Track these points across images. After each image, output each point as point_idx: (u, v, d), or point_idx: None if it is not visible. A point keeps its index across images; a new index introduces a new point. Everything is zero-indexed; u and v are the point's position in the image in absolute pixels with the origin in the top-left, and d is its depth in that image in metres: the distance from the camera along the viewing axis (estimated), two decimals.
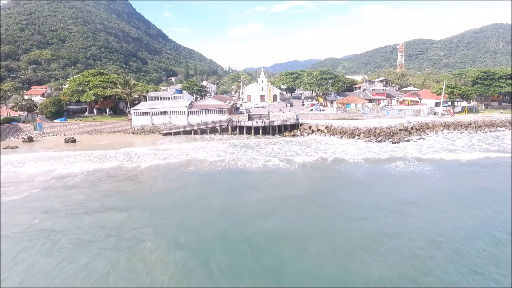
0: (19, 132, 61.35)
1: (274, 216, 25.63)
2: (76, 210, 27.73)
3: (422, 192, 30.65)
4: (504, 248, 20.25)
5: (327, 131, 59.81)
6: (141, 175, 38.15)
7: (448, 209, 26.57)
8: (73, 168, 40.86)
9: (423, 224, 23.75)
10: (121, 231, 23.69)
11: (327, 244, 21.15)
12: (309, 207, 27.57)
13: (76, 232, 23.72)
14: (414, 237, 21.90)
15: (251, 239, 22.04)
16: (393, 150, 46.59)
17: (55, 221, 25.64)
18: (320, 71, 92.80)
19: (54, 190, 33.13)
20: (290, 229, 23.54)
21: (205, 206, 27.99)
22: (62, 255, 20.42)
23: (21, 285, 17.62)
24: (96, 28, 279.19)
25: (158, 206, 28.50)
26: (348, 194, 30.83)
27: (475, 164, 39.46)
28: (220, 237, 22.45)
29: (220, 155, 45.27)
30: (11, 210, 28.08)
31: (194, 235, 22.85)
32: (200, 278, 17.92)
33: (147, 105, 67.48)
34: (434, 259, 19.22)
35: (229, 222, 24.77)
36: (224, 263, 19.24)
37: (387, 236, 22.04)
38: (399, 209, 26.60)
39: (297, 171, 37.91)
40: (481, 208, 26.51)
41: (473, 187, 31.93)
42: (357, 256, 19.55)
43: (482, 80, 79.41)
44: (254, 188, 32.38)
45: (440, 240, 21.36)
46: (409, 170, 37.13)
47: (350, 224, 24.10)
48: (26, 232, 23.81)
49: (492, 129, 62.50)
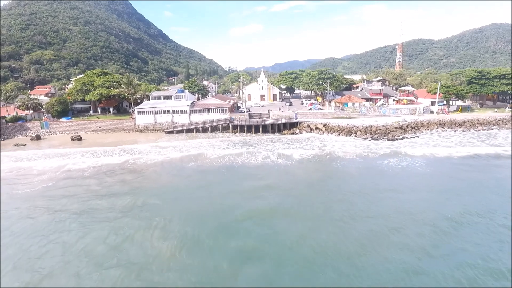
0: (26, 131, 63.28)
1: (269, 197, 29.52)
2: (92, 197, 30.48)
3: (408, 182, 33.12)
4: (471, 226, 22.90)
5: (325, 129, 61.74)
6: (146, 169, 40.12)
7: (429, 196, 29.11)
8: (82, 163, 42.80)
9: (400, 206, 26.79)
10: (133, 212, 26.67)
11: (312, 216, 25.65)
12: (300, 191, 31.06)
13: (95, 212, 26.85)
14: (386, 214, 25.33)
15: (246, 213, 25.99)
16: (388, 147, 48.53)
17: (75, 205, 28.46)
18: (318, 71, 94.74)
19: (68, 181, 35.29)
20: (281, 206, 27.63)
21: (207, 193, 30.81)
22: (90, 231, 23.49)
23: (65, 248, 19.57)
24: (97, 28, 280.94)
25: (165, 193, 31.13)
26: (336, 182, 33.92)
27: (465, 160, 41.44)
28: (220, 211, 26.42)
29: (221, 152, 47.19)
30: (34, 198, 30.52)
31: (195, 212, 26.42)
32: (199, 240, 22.00)
33: (150, 104, 69.45)
34: (404, 228, 22.77)
35: (228, 202, 28.36)
36: (222, 229, 23.47)
37: (359, 212, 25.98)
38: (382, 195, 29.49)
39: (294, 166, 39.86)
40: (463, 196, 28.62)
41: (459, 178, 34.06)
42: (334, 225, 23.95)
43: (477, 80, 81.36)
44: (252, 179, 34.84)
45: (414, 218, 24.56)
46: (401, 165, 39.09)
47: (332, 203, 28.04)
48: (50, 214, 26.25)
49: (485, 127, 64.37)
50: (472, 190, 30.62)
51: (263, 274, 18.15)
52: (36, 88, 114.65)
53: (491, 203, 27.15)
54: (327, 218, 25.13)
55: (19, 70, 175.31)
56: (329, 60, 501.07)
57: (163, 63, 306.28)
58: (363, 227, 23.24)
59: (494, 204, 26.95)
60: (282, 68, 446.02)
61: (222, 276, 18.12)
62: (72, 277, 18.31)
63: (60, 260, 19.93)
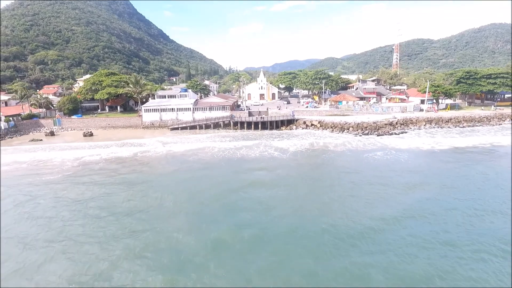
0: (40, 127, 67.52)
1: (264, 177, 35.27)
2: (108, 183, 34.92)
3: (387, 170, 37.38)
4: (440, 205, 26.97)
5: (319, 125, 66.03)
6: (153, 161, 44.52)
7: (402, 181, 33.41)
8: (96, 156, 47.09)
9: (375, 188, 31.59)
10: (144, 195, 31.07)
11: (304, 190, 32.11)
12: (292, 174, 36.79)
13: (112, 194, 31.25)
14: (358, 188, 31.27)
15: (244, 187, 31.80)
16: (376, 142, 52.83)
17: (95, 188, 32.62)
18: (315, 71, 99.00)
19: (85, 171, 39.57)
20: (275, 182, 33.67)
21: (208, 180, 35.19)
22: (110, 206, 27.50)
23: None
24: (99, 28, 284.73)
25: (171, 180, 35.76)
26: (324, 170, 38.92)
27: (444, 152, 45.81)
28: (223, 188, 31.87)
29: (222, 146, 51.47)
30: (57, 184, 34.83)
31: (198, 195, 30.89)
32: (203, 211, 26.91)
33: (156, 103, 73.72)
34: (375, 202, 26.67)
35: (228, 182, 33.83)
36: (221, 205, 28.28)
37: (339, 189, 31.64)
38: (360, 179, 34.44)
39: (288, 158, 44.13)
40: (436, 183, 32.90)
41: (436, 167, 38.42)
42: (316, 199, 28.88)
43: (465, 79, 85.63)
44: (250, 169, 39.38)
45: (384, 195, 29.49)
46: (385, 158, 43.31)
47: (317, 184, 33.84)
48: (73, 195, 30.53)
49: (470, 124, 68.67)
50: (441, 173, 35.69)
51: (254, 235, 22.62)
52: (44, 87, 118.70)
53: (447, 180, 32.61)
54: (312, 195, 30.42)
55: (24, 70, 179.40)
56: (329, 60, 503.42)
57: (164, 63, 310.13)
58: (339, 199, 28.84)
59: (447, 180, 33.21)
60: (282, 68, 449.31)
61: (221, 235, 22.60)
62: (101, 231, 23.21)
63: (90, 222, 24.39)
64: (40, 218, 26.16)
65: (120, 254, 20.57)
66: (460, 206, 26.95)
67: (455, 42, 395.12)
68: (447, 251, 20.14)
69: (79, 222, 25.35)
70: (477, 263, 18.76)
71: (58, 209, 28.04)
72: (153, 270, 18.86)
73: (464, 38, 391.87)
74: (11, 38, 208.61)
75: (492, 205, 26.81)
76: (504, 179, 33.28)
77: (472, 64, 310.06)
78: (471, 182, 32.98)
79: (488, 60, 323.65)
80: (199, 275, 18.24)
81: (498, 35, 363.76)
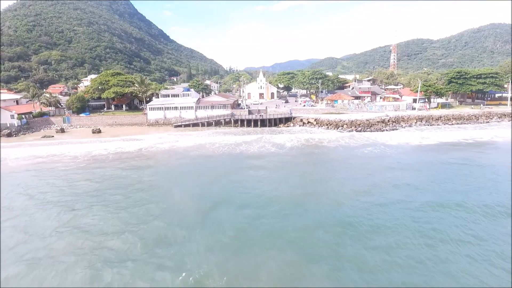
0: (50, 125, 71.08)
1: (261, 166, 39.05)
2: (118, 174, 38.73)
3: (373, 161, 40.96)
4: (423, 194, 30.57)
5: (316, 123, 69.64)
6: (159, 155, 48.36)
7: (385, 171, 37.15)
8: (104, 150, 50.66)
9: (361, 175, 35.79)
10: (153, 184, 34.88)
11: (296, 179, 35.47)
12: (286, 166, 40.51)
13: (122, 182, 34.89)
14: (342, 181, 34.47)
15: (243, 172, 35.70)
16: (368, 138, 56.45)
17: (106, 181, 36.13)
18: (312, 71, 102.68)
19: (97, 163, 43.24)
20: (270, 169, 36.00)
21: (210, 170, 39.01)
22: (124, 190, 31.26)
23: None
24: (100, 29, 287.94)
25: (176, 169, 40.16)
26: (316, 162, 42.90)
27: (429, 146, 49.45)
28: (222, 180, 35.16)
29: (223, 142, 55.06)
30: (73, 173, 38.58)
31: (201, 178, 35.35)
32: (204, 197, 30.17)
33: (160, 101, 77.31)
34: (358, 187, 29.91)
35: (227, 173, 37.35)
36: (223, 191, 31.74)
37: (326, 177, 36.18)
38: (348, 168, 38.70)
39: (285, 152, 47.71)
40: (416, 172, 36.62)
41: (420, 160, 42.08)
42: (306, 185, 31.90)
43: (456, 79, 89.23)
44: (248, 161, 43.23)
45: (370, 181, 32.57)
46: (374, 152, 46.86)
47: (308, 173, 37.73)
48: (87, 182, 34.35)
49: (459, 121, 72.32)
50: (420, 165, 39.51)
51: (251, 214, 26.26)
52: (50, 87, 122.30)
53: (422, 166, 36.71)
54: (301, 179, 35.05)
55: (29, 70, 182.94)
56: (328, 59, 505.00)
57: (164, 63, 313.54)
58: (325, 181, 33.52)
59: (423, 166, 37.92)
60: (282, 68, 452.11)
61: (222, 214, 26.22)
62: (113, 209, 26.69)
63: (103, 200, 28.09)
64: (60, 201, 29.83)
65: (137, 217, 24.69)
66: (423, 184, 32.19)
67: (454, 42, 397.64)
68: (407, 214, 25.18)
69: (102, 198, 29.09)
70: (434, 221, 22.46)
71: (77, 191, 31.74)
72: (169, 225, 24.37)
73: (463, 38, 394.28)
74: (14, 39, 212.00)
75: (457, 184, 32.04)
76: (470, 166, 38.55)
77: (471, 64, 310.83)
78: (448, 169, 37.14)
79: (487, 60, 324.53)
80: (197, 226, 23.07)
81: (497, 35, 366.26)
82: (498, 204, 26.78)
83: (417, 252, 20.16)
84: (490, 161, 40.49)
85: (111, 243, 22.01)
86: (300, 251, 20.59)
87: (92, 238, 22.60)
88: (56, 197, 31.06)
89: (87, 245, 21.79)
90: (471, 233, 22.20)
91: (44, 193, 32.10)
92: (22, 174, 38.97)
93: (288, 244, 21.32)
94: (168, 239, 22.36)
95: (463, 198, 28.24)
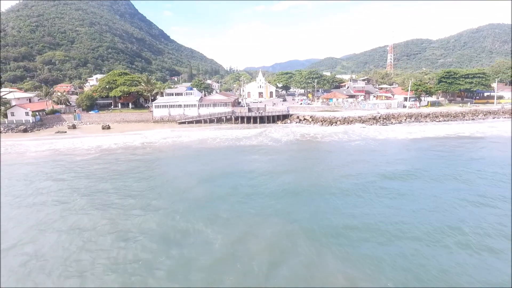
0: (62, 121, 75.60)
1: (259, 157, 43.57)
2: (127, 163, 43.35)
3: (357, 153, 45.93)
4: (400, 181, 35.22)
5: (311, 120, 74.27)
6: (165, 147, 53.04)
7: (362, 156, 42.54)
8: (114, 144, 55.17)
9: (340, 158, 42.41)
10: (160, 170, 39.84)
11: (292, 168, 39.72)
12: (278, 153, 45.68)
13: (134, 168, 39.64)
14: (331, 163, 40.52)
15: (242, 162, 39.40)
16: (360, 134, 61.06)
17: (120, 166, 41.01)
18: (308, 71, 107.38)
19: (109, 155, 47.81)
20: (267, 158, 41.82)
21: (212, 160, 43.71)
22: (137, 174, 35.72)
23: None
24: (102, 29, 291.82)
25: (182, 158, 45.00)
26: (308, 152, 48.04)
27: (413, 140, 54.16)
28: (225, 169, 39.37)
29: (224, 137, 59.64)
30: (90, 163, 43.18)
31: (205, 166, 40.32)
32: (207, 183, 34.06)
33: (165, 100, 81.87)
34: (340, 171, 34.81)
35: (229, 160, 43.07)
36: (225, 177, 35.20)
37: (316, 164, 39.49)
38: (334, 158, 43.07)
39: (281, 146, 52.32)
40: (391, 155, 41.36)
41: (399, 149, 46.96)
42: (297, 172, 35.71)
43: (445, 79, 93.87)
44: (246, 150, 48.42)
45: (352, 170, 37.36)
46: (361, 144, 51.58)
47: (299, 162, 40.70)
48: (102, 169, 38.83)
49: (446, 118, 77.00)
50: (403, 154, 44.42)
51: (240, 181, 31.60)
52: (57, 86, 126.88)
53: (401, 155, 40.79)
54: (287, 163, 40.75)
55: (33, 70, 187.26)
56: (328, 59, 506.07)
57: (165, 63, 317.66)
58: (308, 162, 39.28)
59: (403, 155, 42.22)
60: (282, 68, 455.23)
61: (225, 193, 30.75)
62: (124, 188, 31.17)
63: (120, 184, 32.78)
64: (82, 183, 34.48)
65: (151, 192, 29.28)
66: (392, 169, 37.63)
67: (453, 42, 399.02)
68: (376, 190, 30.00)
69: (118, 179, 33.73)
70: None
71: (96, 174, 36.41)
72: (177, 196, 29.24)
73: (462, 38, 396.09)
74: (18, 39, 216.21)
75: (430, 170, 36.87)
76: (444, 153, 44.40)
77: (469, 64, 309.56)
78: (424, 155, 42.48)
79: (486, 60, 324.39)
80: (200, 199, 27.26)
81: (496, 35, 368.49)
82: (444, 174, 34.11)
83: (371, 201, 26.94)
84: (463, 151, 45.50)
85: (135, 200, 28.20)
86: (267, 198, 28.21)
87: (120, 200, 27.29)
88: (76, 178, 35.86)
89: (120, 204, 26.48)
90: (416, 188, 30.94)
91: (63, 178, 36.73)
92: (46, 163, 43.51)
93: (259, 195, 29.89)
94: (180, 190, 29.40)
95: (424, 170, 36.40)
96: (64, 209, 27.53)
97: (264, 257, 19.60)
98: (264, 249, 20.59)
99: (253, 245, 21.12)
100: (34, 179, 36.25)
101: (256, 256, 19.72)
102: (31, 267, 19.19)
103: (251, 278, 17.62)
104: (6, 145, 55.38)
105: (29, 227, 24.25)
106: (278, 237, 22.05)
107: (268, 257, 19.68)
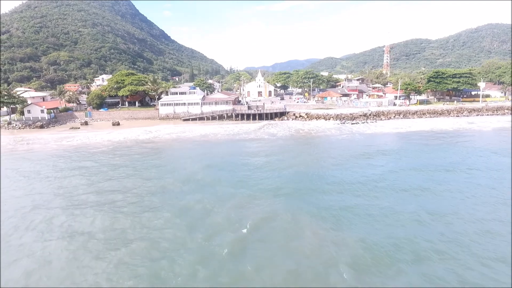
0: (74, 118, 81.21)
1: (257, 148, 47.82)
2: (137, 154, 48.85)
3: (343, 143, 51.43)
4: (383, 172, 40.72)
5: (306, 116, 79.87)
6: (172, 141, 58.46)
7: (345, 146, 48.24)
8: (124, 139, 60.57)
9: (326, 148, 47.70)
10: (165, 161, 45.35)
11: (285, 156, 44.19)
12: (272, 145, 51.18)
13: (144, 157, 45.28)
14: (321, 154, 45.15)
15: (241, 154, 45.21)
16: (351, 129, 66.63)
17: (131, 158, 46.38)
18: (304, 71, 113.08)
19: (121, 149, 53.26)
20: (264, 149, 46.59)
21: (213, 152, 49.14)
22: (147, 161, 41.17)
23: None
24: (104, 30, 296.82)
25: (187, 150, 50.65)
26: (301, 145, 53.54)
27: (398, 134, 59.75)
28: (225, 157, 44.64)
29: (225, 132, 65.19)
30: (106, 153, 48.63)
31: (207, 155, 45.50)
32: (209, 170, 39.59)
33: (170, 98, 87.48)
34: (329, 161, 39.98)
35: (227, 151, 48.16)
36: (224, 169, 40.81)
37: (308, 155, 44.89)
38: (323, 150, 48.39)
39: (277, 139, 57.91)
40: (373, 150, 46.97)
41: (383, 141, 52.56)
42: (291, 163, 41.05)
43: (434, 78, 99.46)
44: (245, 143, 53.98)
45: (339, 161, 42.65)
46: (348, 138, 57.16)
47: (292, 153, 46.75)
48: (118, 157, 44.35)
49: (432, 115, 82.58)
50: (387, 145, 49.63)
51: (238, 163, 36.87)
52: (66, 85, 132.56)
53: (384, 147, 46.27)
54: (278, 151, 46.09)
55: (39, 70, 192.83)
56: (328, 59, 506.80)
57: (167, 63, 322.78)
58: (297, 151, 44.32)
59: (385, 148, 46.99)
60: (282, 68, 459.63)
61: (222, 182, 35.80)
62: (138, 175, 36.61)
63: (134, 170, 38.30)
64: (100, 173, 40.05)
65: (163, 171, 34.64)
66: None
67: (452, 42, 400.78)
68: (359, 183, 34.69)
69: (132, 168, 39.28)
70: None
71: (111, 163, 42.02)
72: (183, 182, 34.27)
73: (461, 38, 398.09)
74: (23, 40, 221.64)
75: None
76: (426, 145, 49.34)
77: (468, 63, 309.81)
78: (405, 145, 47.75)
79: (484, 60, 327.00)
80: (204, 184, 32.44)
81: (495, 35, 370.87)
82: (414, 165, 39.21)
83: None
84: (439, 142, 51.12)
85: (152, 182, 33.76)
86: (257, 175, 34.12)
87: (139, 183, 32.84)
88: (96, 167, 41.21)
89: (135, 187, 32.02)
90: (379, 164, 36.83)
91: (86, 166, 42.28)
92: (67, 154, 48.96)
93: (249, 169, 37.12)
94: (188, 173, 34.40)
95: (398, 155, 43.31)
96: (95, 184, 33.16)
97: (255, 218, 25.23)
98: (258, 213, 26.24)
99: (250, 212, 26.75)
100: (63, 166, 41.87)
101: (248, 218, 25.34)
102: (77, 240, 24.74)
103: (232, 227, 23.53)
104: (29, 138, 61.07)
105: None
106: (269, 203, 27.78)
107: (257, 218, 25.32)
